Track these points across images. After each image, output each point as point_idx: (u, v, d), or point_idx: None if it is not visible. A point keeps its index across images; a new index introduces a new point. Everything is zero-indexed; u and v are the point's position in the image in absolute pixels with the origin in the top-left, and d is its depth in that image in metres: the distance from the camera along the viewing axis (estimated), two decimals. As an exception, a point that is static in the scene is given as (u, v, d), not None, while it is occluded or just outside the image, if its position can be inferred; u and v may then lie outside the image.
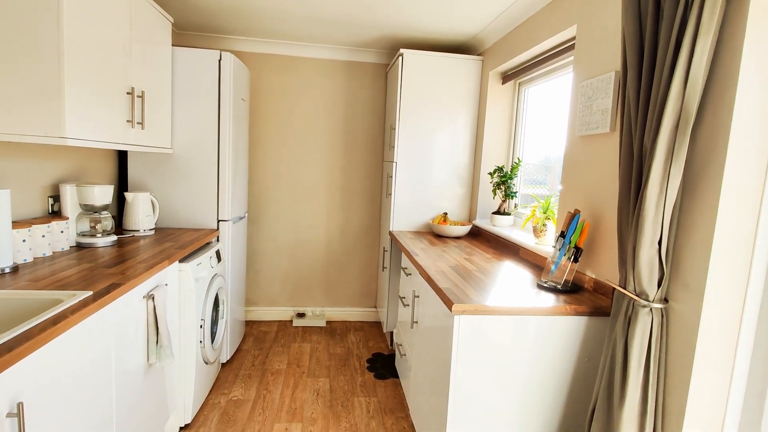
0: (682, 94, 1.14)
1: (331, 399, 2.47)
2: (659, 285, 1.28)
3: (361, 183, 3.58)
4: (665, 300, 1.30)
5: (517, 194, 2.71)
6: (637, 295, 1.30)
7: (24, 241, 1.63)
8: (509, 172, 2.61)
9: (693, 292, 1.21)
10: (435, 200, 3.08)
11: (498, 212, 2.72)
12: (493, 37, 2.76)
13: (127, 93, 1.96)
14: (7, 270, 1.51)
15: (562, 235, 1.71)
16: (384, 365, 2.90)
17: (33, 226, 1.69)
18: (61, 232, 1.86)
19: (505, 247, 2.46)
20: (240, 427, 2.16)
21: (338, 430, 2.19)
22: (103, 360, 1.35)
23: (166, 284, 1.80)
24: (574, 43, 2.01)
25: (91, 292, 1.32)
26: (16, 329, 1.01)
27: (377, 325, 3.65)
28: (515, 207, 2.82)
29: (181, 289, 2.03)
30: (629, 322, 1.32)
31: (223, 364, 2.78)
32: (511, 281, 1.79)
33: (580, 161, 1.80)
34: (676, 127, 1.16)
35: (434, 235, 2.92)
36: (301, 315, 3.60)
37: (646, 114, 1.25)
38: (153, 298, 1.66)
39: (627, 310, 1.33)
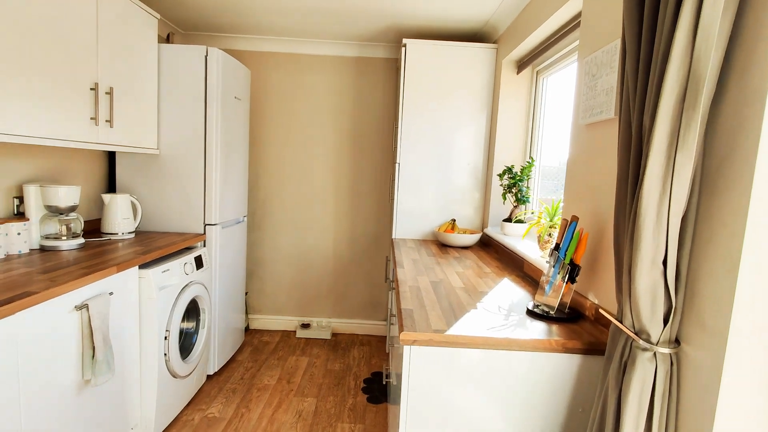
0: (689, 50, 0.80)
1: (312, 423, 2.24)
2: (666, 321, 0.92)
3: (371, 187, 3.35)
4: (676, 342, 0.94)
5: (530, 199, 2.35)
6: (635, 334, 0.95)
7: (-36, 242, 1.55)
8: (520, 173, 2.26)
9: (712, 334, 0.85)
10: (444, 205, 2.77)
11: (509, 219, 2.37)
12: (505, 21, 2.43)
13: (91, 89, 1.86)
14: (-63, 273, 1.43)
15: (557, 247, 1.37)
16: (381, 387, 2.62)
17: (-22, 227, 1.62)
18: (18, 234, 1.78)
19: (511, 260, 2.12)
20: (205, 449, 1.99)
21: (309, 461, 1.95)
22: (4, 379, 1.21)
23: (110, 293, 1.66)
24: (586, 15, 1.66)
25: (-13, 302, 1.19)
26: None
27: (385, 340, 3.38)
28: (532, 213, 2.45)
29: (142, 297, 1.89)
30: (624, 369, 0.97)
31: (209, 376, 2.63)
32: (498, 303, 1.47)
33: (585, 156, 1.44)
34: (683, 98, 0.82)
35: (439, 244, 2.62)
36: (305, 326, 3.41)
37: (647, 85, 0.91)
38: (88, 309, 1.52)
39: (623, 352, 0.98)
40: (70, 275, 1.51)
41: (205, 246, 2.51)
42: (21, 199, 1.93)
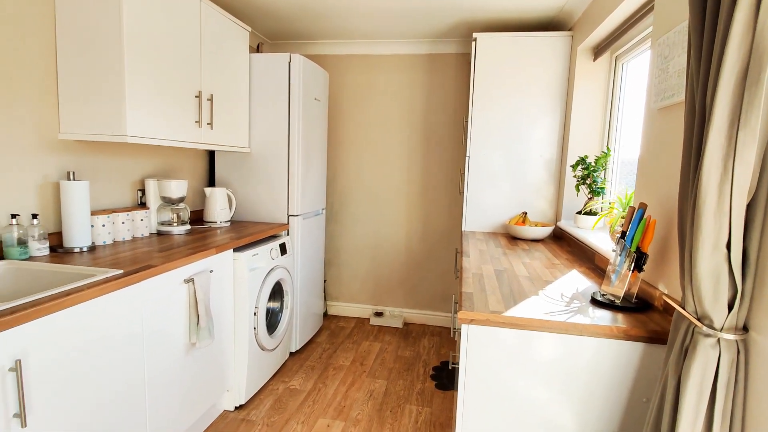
0: (752, 24, 0.77)
1: (382, 402, 2.38)
2: (730, 307, 0.89)
3: (443, 181, 3.41)
4: (744, 329, 0.90)
5: (606, 191, 2.25)
6: (698, 319, 0.93)
7: (104, 226, 1.91)
8: (594, 164, 2.18)
9: (782, 321, 0.82)
10: (516, 198, 2.75)
11: (583, 212, 2.30)
12: (580, 6, 2.35)
13: (195, 96, 2.17)
14: (85, 249, 1.78)
15: (624, 235, 1.34)
16: (449, 375, 2.69)
17: (113, 213, 1.98)
18: (141, 220, 2.14)
19: (582, 252, 2.06)
20: (287, 416, 2.21)
21: (378, 436, 2.09)
22: (132, 332, 1.50)
23: (210, 271, 1.93)
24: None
25: (121, 271, 1.48)
26: (29, 296, 1.17)
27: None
28: (610, 204, 2.35)
29: (235, 276, 2.16)
30: (685, 355, 0.95)
31: (292, 353, 2.90)
32: (561, 291, 1.47)
33: (657, 141, 1.39)
34: (745, 74, 0.79)
35: (509, 237, 2.61)
36: (379, 314, 3.57)
37: (710, 62, 0.89)
38: (193, 282, 1.79)
39: (684, 338, 0.97)
40: (180, 254, 1.79)
41: (288, 235, 2.77)
42: (143, 191, 2.30)
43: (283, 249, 2.58)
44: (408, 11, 2.65)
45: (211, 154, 2.95)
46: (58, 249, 1.75)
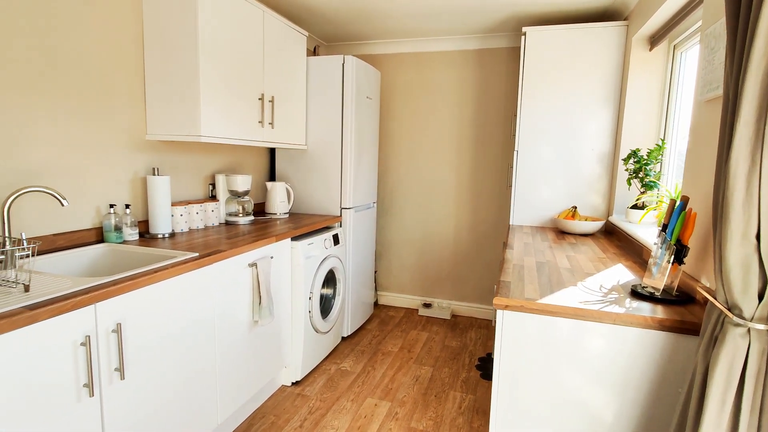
0: (779, 19, 0.79)
1: (427, 387, 2.48)
2: (761, 297, 0.90)
3: (492, 176, 3.43)
4: (775, 320, 0.91)
5: (658, 184, 2.19)
6: (728, 309, 0.95)
7: (181, 215, 2.17)
8: (646, 157, 2.13)
9: (811, 311, 0.82)
10: (566, 192, 2.73)
11: (635, 206, 2.25)
12: (636, -5, 2.29)
13: (258, 99, 2.38)
14: (166, 235, 2.05)
15: (665, 228, 1.35)
16: (495, 366, 2.74)
17: (189, 205, 2.24)
18: (212, 211, 2.39)
19: (631, 247, 2.03)
20: (338, 393, 2.39)
21: (422, 417, 2.20)
22: (205, 307, 1.72)
23: (271, 257, 2.13)
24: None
25: (197, 254, 1.70)
26: (126, 272, 1.41)
27: (505, 325, 3.44)
28: (659, 199, 2.28)
29: (293, 263, 2.36)
30: (714, 343, 0.97)
31: (343, 338, 3.08)
32: (601, 283, 1.50)
33: (703, 133, 1.37)
34: (772, 68, 0.81)
35: (558, 231, 2.61)
36: (427, 305, 3.67)
37: (742, 57, 0.90)
38: (256, 266, 2.00)
39: (715, 327, 0.99)
40: (245, 241, 2.00)
41: (341, 226, 2.94)
42: (213, 185, 2.56)
43: (336, 239, 2.75)
44: (459, 9, 2.70)
45: (272, 151, 3.19)
46: (145, 235, 2.03)
